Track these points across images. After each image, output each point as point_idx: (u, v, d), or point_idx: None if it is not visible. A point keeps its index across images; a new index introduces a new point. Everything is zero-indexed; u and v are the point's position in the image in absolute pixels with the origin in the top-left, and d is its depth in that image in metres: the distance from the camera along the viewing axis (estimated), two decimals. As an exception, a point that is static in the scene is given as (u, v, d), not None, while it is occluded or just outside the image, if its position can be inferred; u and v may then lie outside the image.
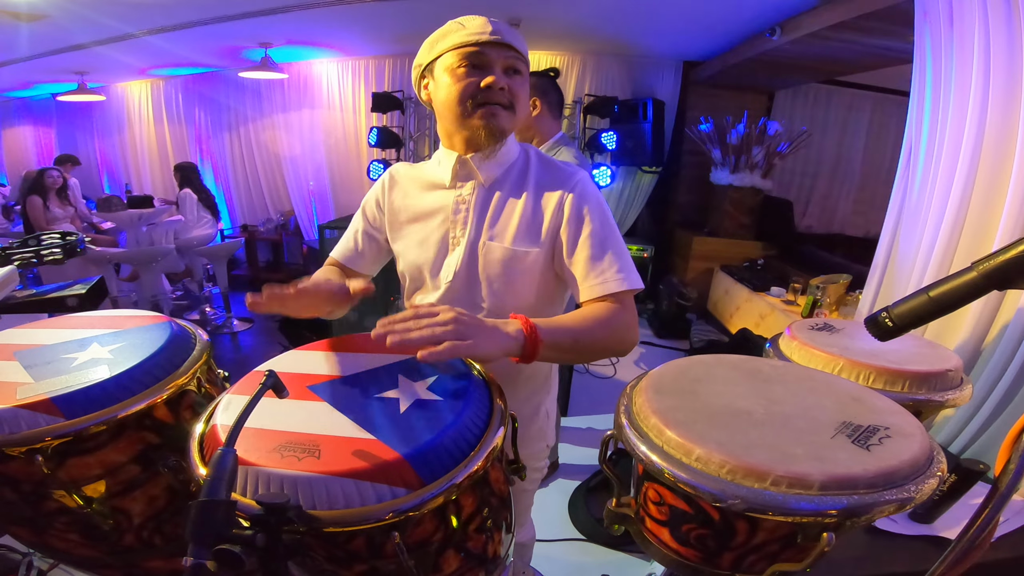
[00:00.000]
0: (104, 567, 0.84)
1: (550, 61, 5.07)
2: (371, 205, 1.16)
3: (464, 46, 0.95)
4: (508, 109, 0.98)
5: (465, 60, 0.95)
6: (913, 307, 0.59)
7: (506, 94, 0.97)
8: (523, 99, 1.01)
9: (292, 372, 0.79)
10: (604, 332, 0.93)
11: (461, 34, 0.96)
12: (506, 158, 1.05)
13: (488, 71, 0.96)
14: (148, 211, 4.82)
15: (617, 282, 0.97)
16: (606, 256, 0.99)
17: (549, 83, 1.96)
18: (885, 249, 2.16)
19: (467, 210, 1.04)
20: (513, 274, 1.02)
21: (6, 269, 1.51)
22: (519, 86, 0.99)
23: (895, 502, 0.61)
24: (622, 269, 0.98)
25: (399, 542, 0.58)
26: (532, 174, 1.06)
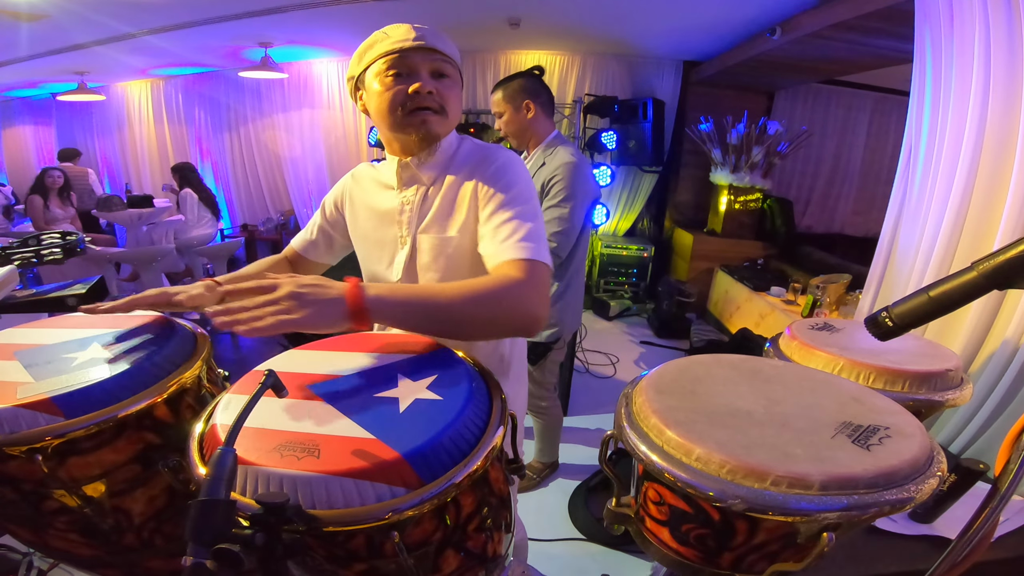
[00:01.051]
0: (104, 567, 0.84)
1: (550, 61, 5.07)
2: (330, 204, 1.20)
3: (389, 53, 0.96)
4: (439, 113, 0.99)
5: (392, 68, 0.96)
6: (913, 307, 0.59)
7: (435, 98, 0.97)
8: (452, 101, 1.01)
9: (292, 371, 0.79)
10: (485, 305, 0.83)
11: (386, 43, 0.97)
12: (445, 154, 1.06)
13: (415, 77, 0.96)
14: (148, 211, 4.82)
15: (516, 249, 0.89)
16: (510, 224, 0.93)
17: (538, 83, 1.96)
18: (885, 249, 2.16)
19: (410, 210, 1.06)
20: (444, 262, 1.04)
21: (6, 269, 1.51)
22: (447, 88, 1.00)
23: (895, 502, 0.61)
24: (526, 238, 0.91)
25: (399, 542, 0.58)
26: (459, 160, 1.06)
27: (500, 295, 0.84)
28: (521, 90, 1.91)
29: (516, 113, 1.93)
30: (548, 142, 1.97)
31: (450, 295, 0.82)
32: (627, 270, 5.04)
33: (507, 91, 1.93)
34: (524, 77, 1.95)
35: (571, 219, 1.84)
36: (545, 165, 1.91)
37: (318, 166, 6.04)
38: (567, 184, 1.83)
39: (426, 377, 0.76)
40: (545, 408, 2.28)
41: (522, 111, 1.92)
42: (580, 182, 1.85)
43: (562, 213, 1.83)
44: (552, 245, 1.79)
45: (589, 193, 1.91)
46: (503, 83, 1.96)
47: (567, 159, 1.86)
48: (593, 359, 3.84)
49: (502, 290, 0.84)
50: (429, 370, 0.78)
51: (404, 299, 0.81)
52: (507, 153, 1.05)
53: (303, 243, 1.25)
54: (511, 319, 0.84)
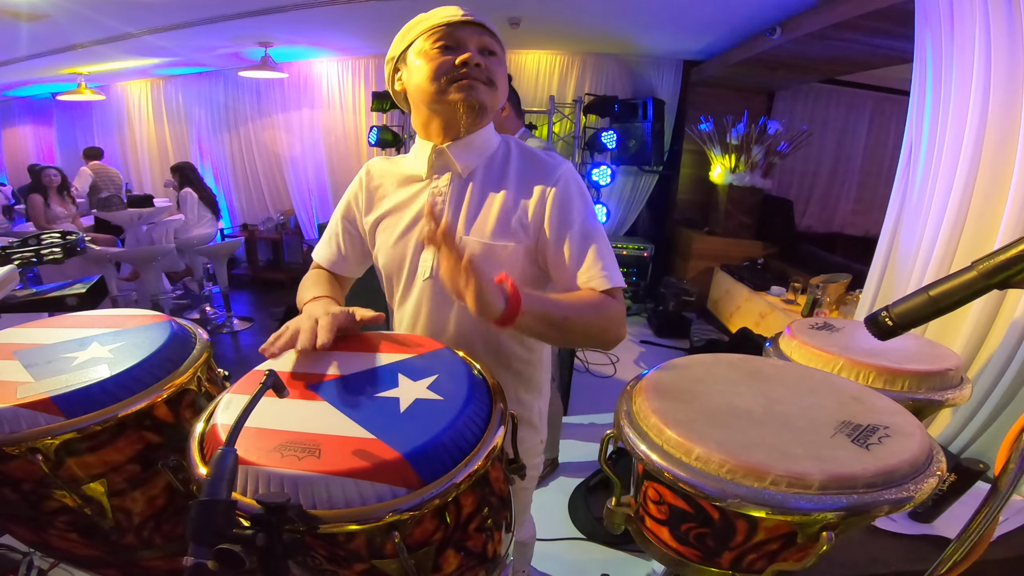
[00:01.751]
0: (104, 566, 0.84)
1: (550, 61, 5.07)
2: (349, 205, 1.13)
3: (437, 27, 0.93)
4: (487, 85, 0.94)
5: (439, 40, 0.93)
6: (913, 306, 0.59)
7: (483, 70, 0.93)
8: (501, 78, 0.97)
9: (292, 371, 0.79)
10: (595, 316, 0.91)
11: (433, 19, 0.94)
12: (485, 148, 1.02)
13: (462, 49, 0.93)
14: (148, 210, 4.82)
15: (604, 278, 0.95)
16: (590, 252, 0.96)
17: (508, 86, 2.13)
18: (885, 249, 2.16)
19: (443, 203, 1.00)
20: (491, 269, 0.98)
21: (6, 268, 1.51)
22: (496, 65, 0.96)
23: (895, 501, 0.61)
24: (607, 267, 0.96)
25: (399, 541, 0.58)
26: (513, 165, 1.02)
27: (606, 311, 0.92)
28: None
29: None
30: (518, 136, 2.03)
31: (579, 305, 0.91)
32: (627, 270, 5.04)
33: None
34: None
35: None
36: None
37: (318, 166, 6.04)
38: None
39: (427, 377, 0.76)
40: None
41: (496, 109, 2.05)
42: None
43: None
44: None
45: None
46: None
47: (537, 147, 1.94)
48: (593, 359, 3.84)
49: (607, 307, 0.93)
50: (430, 370, 0.78)
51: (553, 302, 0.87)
52: (564, 162, 1.03)
53: (330, 260, 1.15)
54: (608, 332, 0.93)
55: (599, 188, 4.79)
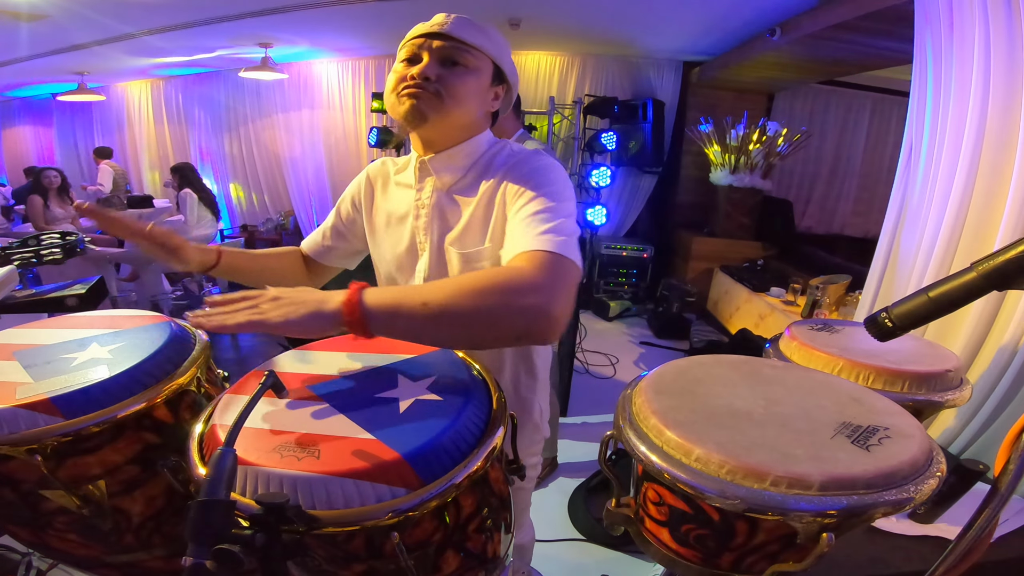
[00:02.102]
0: (103, 567, 0.84)
1: (550, 61, 5.08)
2: (347, 203, 1.15)
3: (409, 40, 0.95)
4: (434, 96, 0.91)
5: (406, 54, 0.95)
6: (913, 307, 0.59)
7: (432, 83, 0.91)
8: (456, 89, 0.93)
9: (292, 372, 0.79)
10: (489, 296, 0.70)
11: (417, 28, 0.96)
12: (467, 159, 1.01)
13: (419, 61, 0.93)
14: (148, 211, 4.82)
15: (537, 241, 0.79)
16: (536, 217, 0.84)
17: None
18: (885, 249, 2.16)
19: (428, 215, 1.01)
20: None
21: (6, 269, 1.51)
22: (455, 76, 0.93)
23: (895, 502, 0.61)
24: (550, 231, 0.80)
25: (398, 542, 0.58)
26: (493, 169, 0.99)
27: (504, 287, 0.71)
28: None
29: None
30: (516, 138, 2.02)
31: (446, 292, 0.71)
32: (627, 270, 5.04)
33: None
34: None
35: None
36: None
37: (318, 166, 6.04)
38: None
39: (426, 378, 0.76)
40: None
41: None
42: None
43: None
44: None
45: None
46: None
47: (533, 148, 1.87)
48: (593, 359, 3.84)
49: (506, 281, 0.72)
50: (429, 371, 0.78)
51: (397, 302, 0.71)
52: (547, 158, 0.99)
53: (313, 246, 1.18)
54: (518, 319, 0.70)
55: (599, 189, 4.79)
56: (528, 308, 0.70)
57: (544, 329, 0.71)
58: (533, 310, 0.70)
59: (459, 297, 0.70)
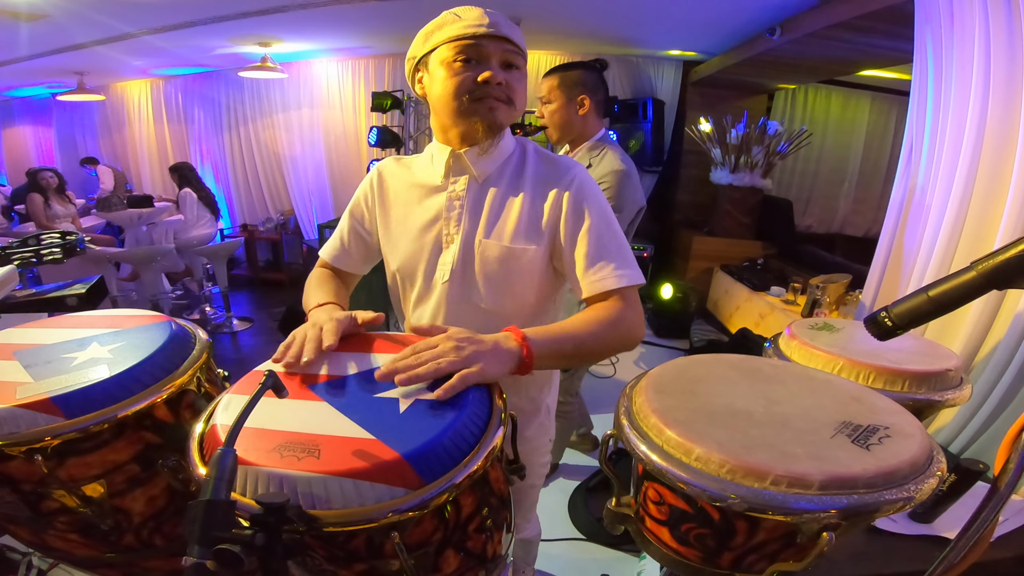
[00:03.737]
0: (103, 567, 0.84)
1: (550, 61, 5.07)
2: (359, 204, 1.13)
3: (460, 39, 0.92)
4: (507, 104, 0.96)
5: (461, 53, 0.92)
6: (913, 307, 0.59)
7: (504, 89, 0.94)
8: (521, 94, 0.98)
9: (291, 372, 0.79)
10: (608, 333, 0.93)
11: (457, 26, 0.93)
12: (501, 153, 1.03)
13: (485, 65, 0.93)
14: (148, 211, 4.82)
15: (616, 279, 0.96)
16: (605, 252, 0.98)
17: (598, 79, 1.83)
18: (885, 249, 2.16)
19: (461, 207, 1.01)
20: (511, 272, 1.01)
21: (6, 269, 1.51)
22: (517, 81, 0.97)
23: (895, 502, 0.61)
24: (621, 265, 0.98)
25: (398, 542, 0.58)
26: (529, 168, 1.04)
27: (618, 323, 0.94)
28: (580, 82, 1.78)
29: (568, 105, 1.79)
30: (595, 142, 1.84)
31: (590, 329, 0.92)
32: (627, 270, 5.02)
33: (564, 79, 1.78)
34: (585, 69, 1.81)
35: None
36: (592, 167, 1.78)
37: (318, 166, 6.04)
38: (615, 194, 1.72)
39: (426, 377, 0.76)
40: (566, 412, 2.22)
41: (574, 105, 1.79)
42: (630, 192, 1.75)
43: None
44: None
45: (637, 203, 1.80)
46: (560, 69, 1.81)
47: (617, 166, 1.74)
48: (593, 359, 3.84)
49: (618, 317, 0.94)
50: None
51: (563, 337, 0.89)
52: (579, 167, 1.04)
53: (334, 254, 1.16)
54: (623, 342, 0.96)
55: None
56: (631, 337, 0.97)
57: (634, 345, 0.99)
58: (635, 338, 0.97)
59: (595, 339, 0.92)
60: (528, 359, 0.83)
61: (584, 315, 0.95)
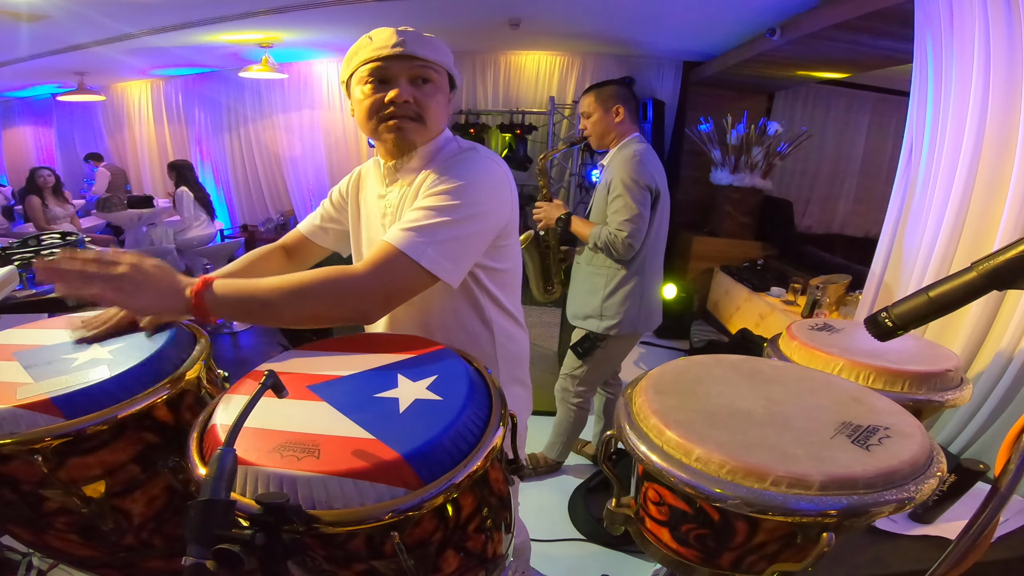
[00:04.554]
0: (104, 567, 0.84)
1: (550, 61, 5.08)
2: (336, 192, 1.22)
3: (369, 61, 0.96)
4: (416, 120, 0.98)
5: (371, 75, 0.97)
6: (913, 307, 0.59)
7: (411, 106, 0.97)
8: (431, 108, 0.99)
9: (292, 372, 0.79)
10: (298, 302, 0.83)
11: (368, 49, 0.96)
12: (426, 159, 1.05)
13: (392, 84, 0.96)
14: (148, 211, 4.82)
15: (394, 233, 0.87)
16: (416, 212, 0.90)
17: (628, 91, 2.13)
18: (885, 249, 2.16)
19: (391, 212, 1.06)
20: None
21: (6, 269, 1.51)
22: (426, 96, 0.98)
23: (895, 502, 0.61)
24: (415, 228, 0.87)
25: (398, 542, 0.58)
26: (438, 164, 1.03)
27: (324, 290, 0.83)
28: (614, 95, 2.07)
29: (606, 115, 2.07)
30: (625, 141, 2.07)
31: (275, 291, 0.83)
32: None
33: (600, 95, 2.08)
34: (617, 84, 2.12)
35: (635, 207, 1.91)
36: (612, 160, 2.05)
37: (318, 166, 6.05)
38: (623, 174, 1.94)
39: (426, 377, 0.76)
40: (575, 404, 2.26)
41: (611, 114, 2.07)
42: (637, 171, 1.93)
43: (624, 203, 1.92)
44: (622, 234, 1.91)
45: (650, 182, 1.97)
46: (597, 87, 2.12)
47: (629, 154, 1.98)
48: (593, 359, 3.83)
49: (328, 284, 0.84)
50: (429, 370, 0.78)
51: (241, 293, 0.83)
52: (475, 154, 1.02)
53: (310, 227, 1.26)
54: (341, 316, 0.86)
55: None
56: (349, 311, 0.85)
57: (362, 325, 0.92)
58: (353, 311, 0.86)
59: (293, 299, 0.83)
60: (198, 303, 0.80)
61: (290, 277, 0.85)
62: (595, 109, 2.09)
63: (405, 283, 0.87)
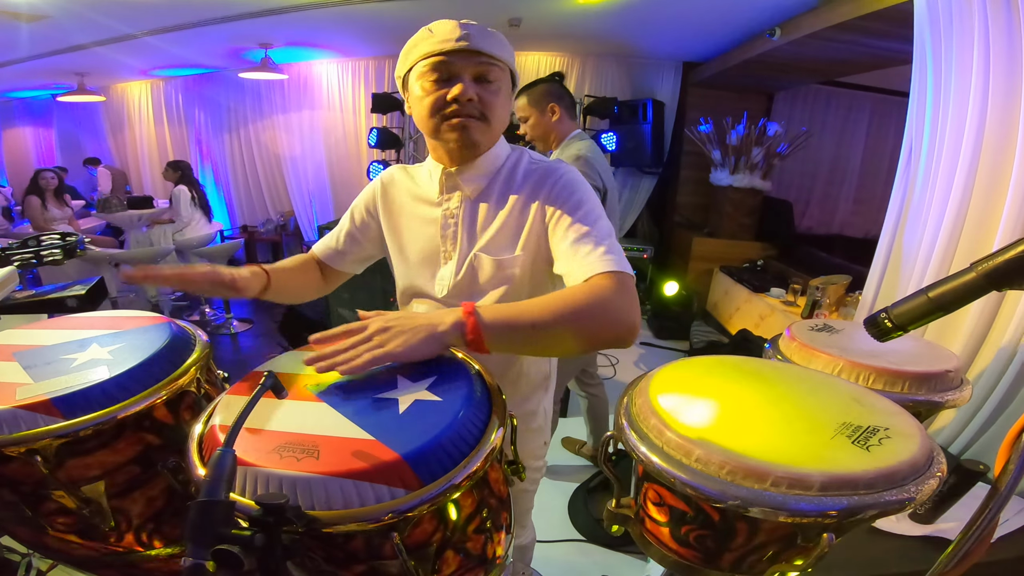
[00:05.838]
0: (103, 567, 0.84)
1: (550, 61, 5.07)
2: (360, 209, 1.15)
3: (431, 55, 0.91)
4: (480, 120, 0.94)
5: (433, 71, 0.91)
6: (912, 308, 0.59)
7: (476, 105, 0.92)
8: (497, 108, 0.96)
9: (291, 372, 0.79)
10: (584, 314, 0.81)
11: (429, 42, 0.92)
12: (491, 167, 1.02)
13: (456, 81, 0.91)
14: (148, 212, 4.82)
15: (602, 263, 0.87)
16: (590, 239, 0.91)
17: (561, 87, 2.04)
18: (885, 250, 2.16)
19: (455, 224, 1.02)
20: (507, 282, 1.00)
21: (6, 270, 1.51)
22: (491, 94, 0.94)
23: (895, 503, 0.61)
24: (608, 251, 0.89)
25: (398, 543, 0.58)
26: (519, 178, 1.02)
27: (596, 308, 0.82)
28: (546, 94, 1.99)
29: (542, 116, 1.99)
30: (567, 140, 2.00)
31: (552, 310, 0.81)
32: (627, 271, 5.02)
33: (532, 96, 2.00)
34: (547, 83, 2.03)
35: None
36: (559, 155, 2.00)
37: (318, 167, 6.04)
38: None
39: (426, 378, 0.76)
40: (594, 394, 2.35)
41: (547, 114, 2.00)
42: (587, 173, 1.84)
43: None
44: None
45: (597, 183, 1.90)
46: (527, 88, 2.02)
47: (572, 156, 1.91)
48: (593, 360, 3.84)
49: (597, 302, 0.82)
50: (429, 371, 0.78)
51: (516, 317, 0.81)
52: (567, 167, 1.02)
53: (326, 251, 1.18)
54: (609, 331, 0.83)
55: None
56: (618, 323, 0.83)
57: (627, 336, 0.83)
58: (623, 324, 0.83)
59: (562, 318, 0.80)
60: (474, 335, 0.78)
61: (555, 298, 0.84)
62: (530, 112, 2.01)
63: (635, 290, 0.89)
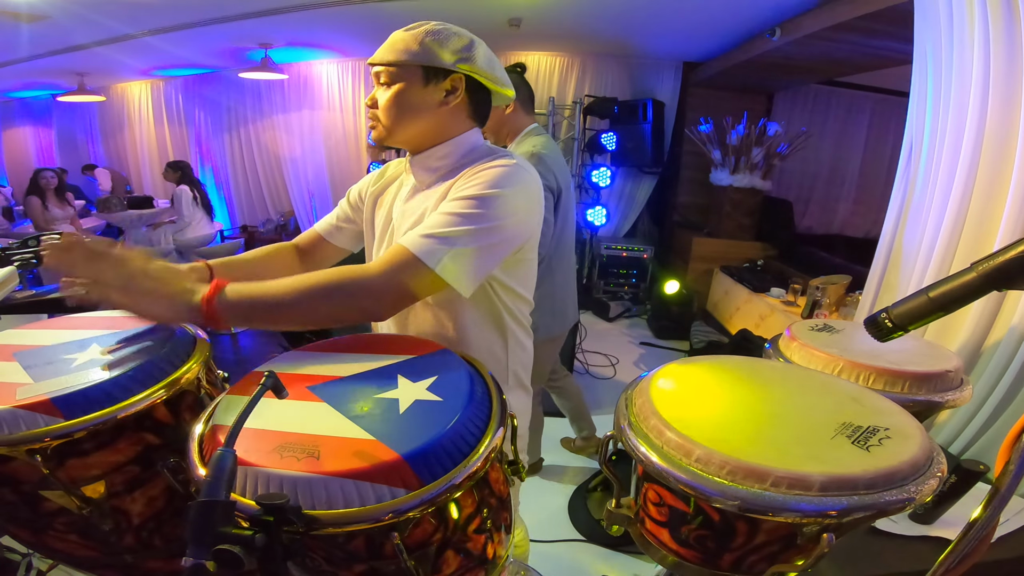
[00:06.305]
0: (103, 567, 0.84)
1: (550, 62, 5.07)
2: (354, 192, 1.23)
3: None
4: (378, 121, 1.03)
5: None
6: (913, 308, 0.59)
7: (372, 111, 1.04)
8: (389, 109, 1.00)
9: (292, 372, 0.79)
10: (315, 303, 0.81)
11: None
12: (440, 161, 1.04)
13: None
14: (148, 211, 4.82)
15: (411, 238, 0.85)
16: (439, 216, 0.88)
17: (518, 79, 1.91)
18: (885, 250, 2.16)
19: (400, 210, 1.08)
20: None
21: (6, 270, 1.51)
22: (382, 95, 1.02)
23: (895, 503, 0.61)
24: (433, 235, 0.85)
25: (398, 543, 0.58)
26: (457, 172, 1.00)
27: (337, 291, 0.82)
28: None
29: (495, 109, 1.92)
30: (521, 136, 1.91)
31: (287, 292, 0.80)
32: (627, 271, 5.04)
33: None
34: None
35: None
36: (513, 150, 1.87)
37: (318, 167, 6.04)
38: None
39: (426, 378, 0.76)
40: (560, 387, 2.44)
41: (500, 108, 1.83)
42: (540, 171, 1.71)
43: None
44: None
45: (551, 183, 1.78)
46: None
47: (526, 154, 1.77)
48: (593, 360, 3.84)
49: (342, 285, 0.82)
50: (429, 371, 0.78)
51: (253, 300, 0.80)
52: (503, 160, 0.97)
53: (327, 227, 1.26)
54: (352, 316, 0.84)
55: (599, 190, 4.79)
56: (360, 310, 0.84)
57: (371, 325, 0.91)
58: (364, 312, 0.84)
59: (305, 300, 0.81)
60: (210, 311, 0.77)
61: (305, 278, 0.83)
62: None
63: (417, 288, 0.86)
